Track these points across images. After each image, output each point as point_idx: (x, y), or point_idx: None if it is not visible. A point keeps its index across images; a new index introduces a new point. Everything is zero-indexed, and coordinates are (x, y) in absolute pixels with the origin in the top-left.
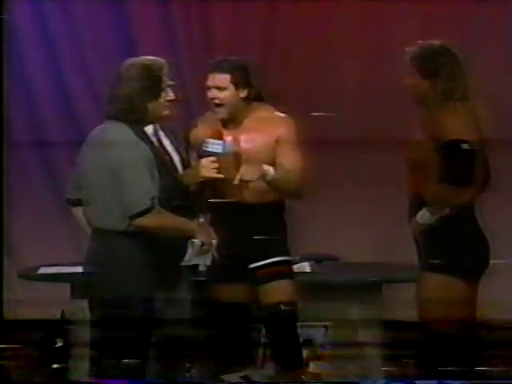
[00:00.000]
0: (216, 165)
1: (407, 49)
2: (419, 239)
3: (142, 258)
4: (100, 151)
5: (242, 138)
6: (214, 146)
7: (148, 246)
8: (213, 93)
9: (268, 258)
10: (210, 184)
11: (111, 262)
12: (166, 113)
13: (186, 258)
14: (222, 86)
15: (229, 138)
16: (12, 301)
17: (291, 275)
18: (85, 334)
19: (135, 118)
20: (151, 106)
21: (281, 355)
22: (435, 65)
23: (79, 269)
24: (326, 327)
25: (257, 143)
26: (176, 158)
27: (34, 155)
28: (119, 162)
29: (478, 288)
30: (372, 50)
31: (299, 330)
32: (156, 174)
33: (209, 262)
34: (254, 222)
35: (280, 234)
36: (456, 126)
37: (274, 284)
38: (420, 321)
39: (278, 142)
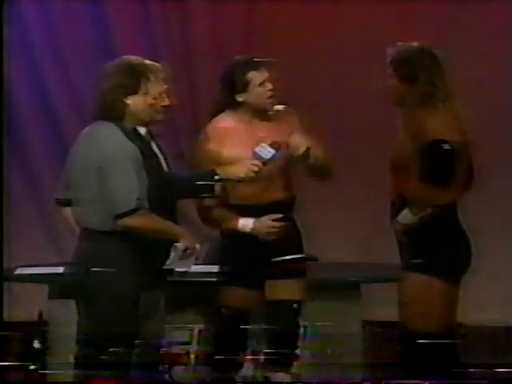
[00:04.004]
0: (256, 169)
1: (388, 51)
2: (402, 239)
3: (129, 258)
4: (88, 150)
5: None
6: (266, 151)
7: (136, 246)
8: (270, 86)
9: (290, 255)
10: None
11: (99, 261)
12: (159, 117)
13: (168, 261)
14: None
15: (283, 150)
16: None
17: (305, 273)
18: (64, 334)
19: (114, 115)
20: (131, 102)
21: (281, 352)
22: (413, 70)
23: (58, 269)
24: (305, 327)
25: (286, 138)
26: (162, 161)
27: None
28: (106, 161)
29: (460, 288)
30: (352, 49)
31: None
32: (144, 175)
33: (190, 267)
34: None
35: (298, 232)
36: (436, 126)
37: (294, 280)
38: (401, 321)
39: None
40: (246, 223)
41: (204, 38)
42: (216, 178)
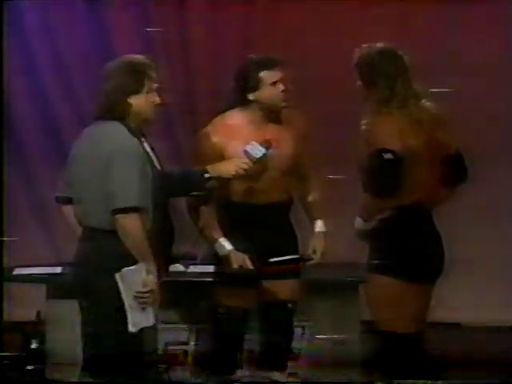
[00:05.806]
0: (246, 166)
1: (354, 52)
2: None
3: (132, 257)
4: (93, 148)
5: (282, 136)
6: (256, 150)
7: None
8: (282, 87)
9: (285, 255)
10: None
11: (101, 261)
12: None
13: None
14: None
15: (274, 148)
16: None
17: (300, 274)
18: (62, 334)
19: (118, 115)
20: (134, 101)
21: (275, 352)
22: (372, 74)
23: (56, 269)
24: (303, 327)
25: (291, 142)
26: (156, 161)
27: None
28: (110, 157)
29: (428, 290)
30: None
31: None
32: (148, 172)
33: (139, 289)
34: (269, 221)
35: (293, 233)
36: (383, 134)
37: (289, 281)
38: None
39: (303, 138)
40: (223, 246)
41: (202, 39)
42: (206, 175)
